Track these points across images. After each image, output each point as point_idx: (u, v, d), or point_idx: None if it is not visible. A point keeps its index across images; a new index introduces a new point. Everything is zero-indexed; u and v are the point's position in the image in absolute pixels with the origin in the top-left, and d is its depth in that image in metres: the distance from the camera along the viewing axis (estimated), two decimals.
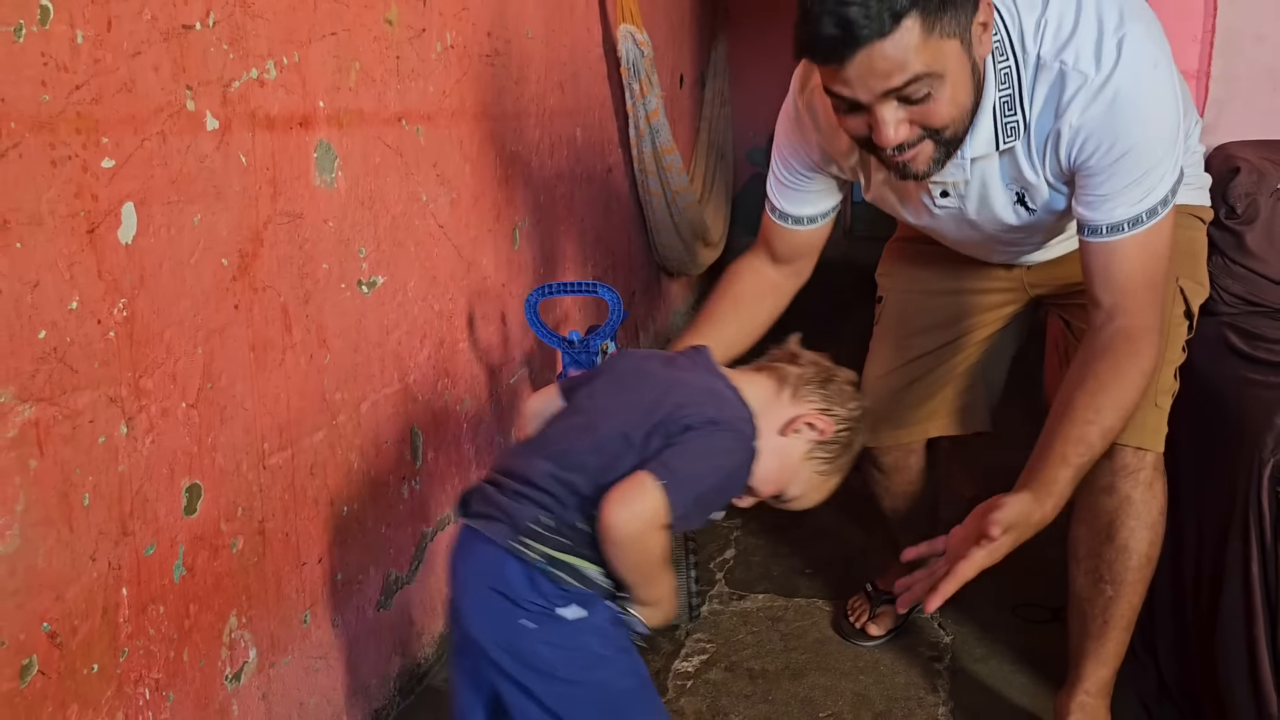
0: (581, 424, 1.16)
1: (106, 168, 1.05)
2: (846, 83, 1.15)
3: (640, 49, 2.94)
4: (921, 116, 1.18)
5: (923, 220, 1.50)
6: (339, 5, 1.49)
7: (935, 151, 1.23)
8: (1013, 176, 1.34)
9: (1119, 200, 1.25)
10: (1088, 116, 1.22)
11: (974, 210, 1.40)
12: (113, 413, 1.07)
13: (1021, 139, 1.28)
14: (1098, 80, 1.21)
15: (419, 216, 1.79)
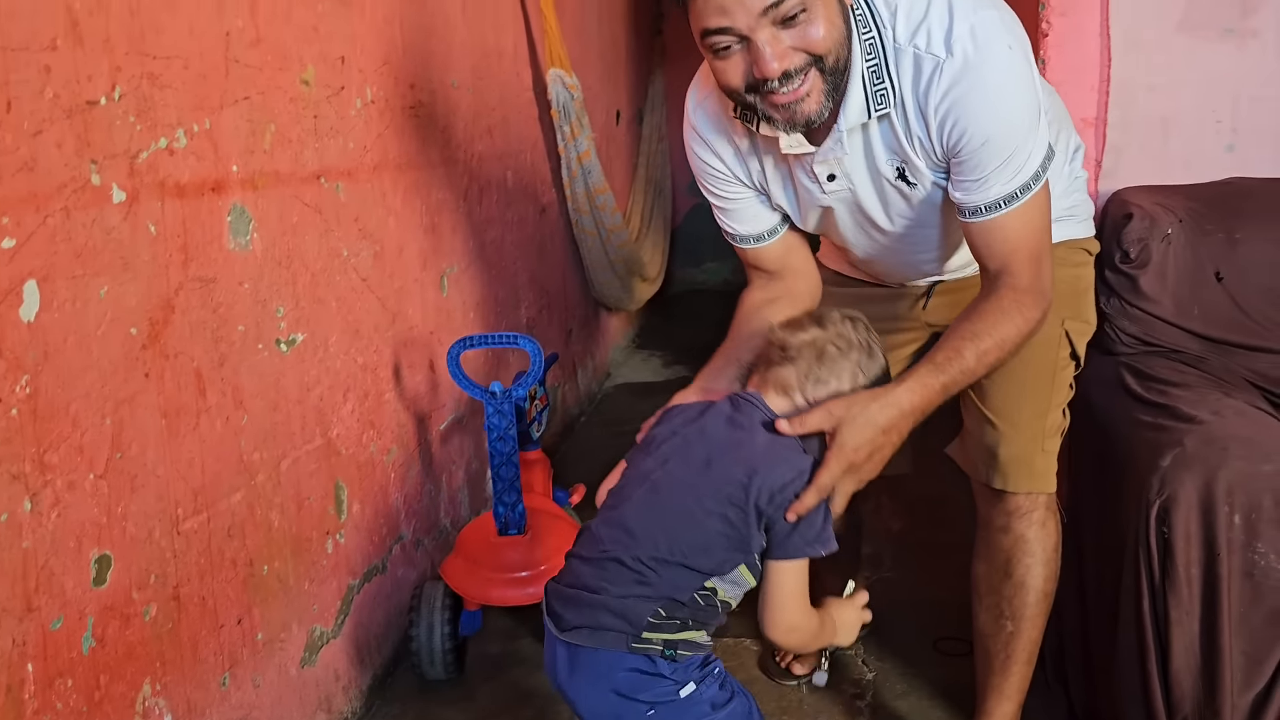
0: (671, 506, 1.16)
1: (6, 248, 1.06)
2: (724, 10, 1.15)
3: (570, 92, 2.98)
4: (801, 39, 1.18)
5: (812, 218, 1.50)
6: (252, 70, 1.51)
7: (824, 83, 1.22)
8: (892, 149, 1.34)
9: (992, 181, 1.28)
10: (950, 100, 1.25)
11: (861, 191, 1.40)
12: (16, 489, 1.08)
13: (895, 109, 1.29)
14: (953, 64, 1.23)
15: (340, 272, 1.80)
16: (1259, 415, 1.48)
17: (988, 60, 1.23)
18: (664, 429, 1.26)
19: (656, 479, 1.19)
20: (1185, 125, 1.95)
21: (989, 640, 1.60)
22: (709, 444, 1.20)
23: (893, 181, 1.37)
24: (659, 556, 1.13)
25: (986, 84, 1.24)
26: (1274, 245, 1.78)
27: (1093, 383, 1.80)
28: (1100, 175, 1.99)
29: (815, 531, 1.15)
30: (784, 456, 1.17)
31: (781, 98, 1.21)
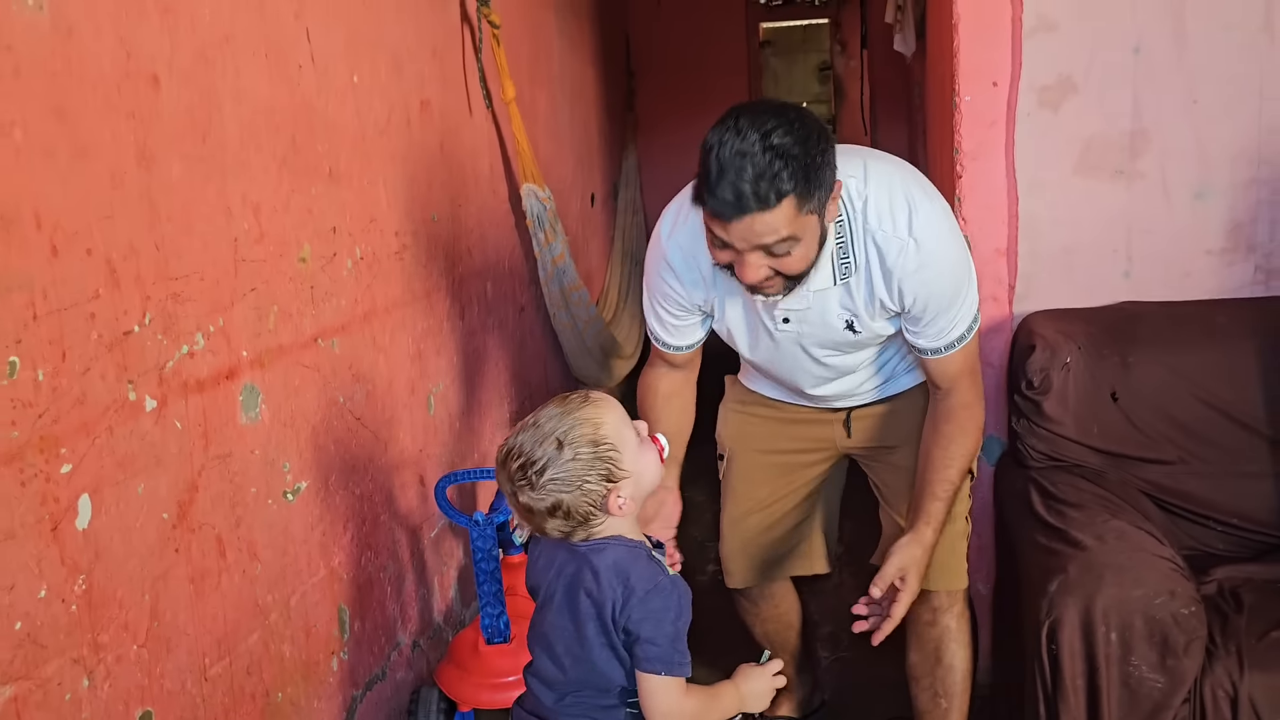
0: (566, 663, 1.37)
1: (65, 472, 1.28)
2: (728, 233, 1.45)
3: (543, 204, 3.22)
4: (779, 265, 1.49)
5: (760, 350, 1.81)
6: (257, 263, 1.74)
7: (784, 285, 1.55)
8: (845, 306, 1.67)
9: (942, 330, 1.66)
10: (917, 278, 1.60)
11: (809, 333, 1.72)
12: (76, 671, 1.30)
13: (856, 276, 1.62)
14: (917, 249, 1.58)
15: (337, 418, 2.03)
16: (1138, 537, 1.71)
17: (941, 245, 1.61)
18: (541, 580, 1.43)
19: (552, 640, 1.39)
20: (1086, 255, 2.19)
21: (928, 716, 1.95)
22: (566, 594, 1.37)
23: (840, 331, 1.70)
24: (578, 698, 1.37)
25: (942, 264, 1.62)
26: (1162, 367, 2.02)
27: (1006, 497, 2.04)
28: (1014, 299, 2.23)
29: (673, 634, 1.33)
30: (621, 567, 1.35)
31: (749, 285, 1.55)
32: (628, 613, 1.30)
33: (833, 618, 2.78)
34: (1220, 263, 2.13)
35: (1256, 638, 1.64)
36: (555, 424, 1.30)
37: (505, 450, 1.33)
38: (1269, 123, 2.06)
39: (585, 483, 1.30)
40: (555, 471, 1.29)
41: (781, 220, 1.42)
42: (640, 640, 1.30)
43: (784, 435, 1.99)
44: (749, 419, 2.04)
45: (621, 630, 1.32)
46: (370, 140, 2.21)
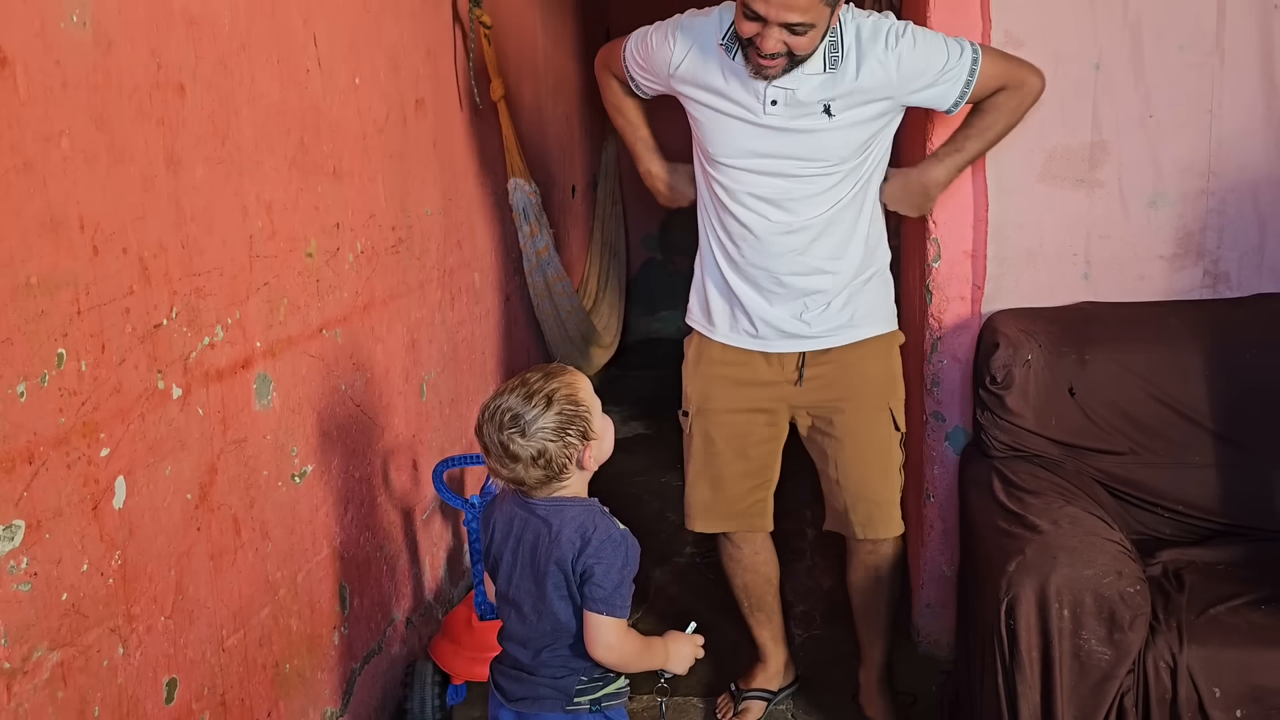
0: (533, 619, 1.53)
1: (104, 456, 1.38)
2: (766, 3, 1.76)
3: (529, 197, 3.32)
4: (792, 44, 1.81)
5: (734, 134, 2.01)
6: (269, 259, 1.84)
7: (786, 65, 1.86)
8: (827, 90, 1.92)
9: (943, 93, 1.99)
10: (894, 55, 1.92)
11: (792, 115, 1.94)
12: (113, 640, 1.40)
13: (841, 70, 1.91)
14: (889, 31, 1.94)
15: (340, 404, 2.13)
16: (1090, 522, 1.85)
17: (916, 26, 1.98)
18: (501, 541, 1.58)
19: (517, 598, 1.55)
20: (1048, 258, 2.33)
21: (869, 618, 2.30)
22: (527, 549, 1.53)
23: (817, 114, 1.95)
24: (552, 652, 1.53)
25: (922, 32, 1.97)
26: (1116, 365, 2.16)
27: (971, 484, 2.18)
28: (983, 299, 2.36)
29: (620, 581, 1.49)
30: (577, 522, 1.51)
31: (759, 60, 1.85)
32: (584, 559, 1.48)
33: (807, 598, 2.91)
34: (1172, 267, 2.28)
35: (1195, 614, 1.79)
36: (543, 384, 1.49)
37: (495, 407, 1.50)
38: (1218, 137, 2.20)
39: (566, 435, 1.48)
40: (544, 421, 1.46)
41: (810, 1, 1.75)
42: (589, 582, 1.47)
43: (741, 396, 2.17)
44: (710, 380, 2.20)
45: (578, 575, 1.49)
46: (370, 139, 2.30)
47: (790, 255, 2.05)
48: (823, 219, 2.03)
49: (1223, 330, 2.16)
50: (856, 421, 2.13)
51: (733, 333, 2.16)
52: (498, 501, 1.61)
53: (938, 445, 2.44)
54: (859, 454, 2.13)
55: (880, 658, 2.33)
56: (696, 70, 2.02)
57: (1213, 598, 1.84)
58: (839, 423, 2.13)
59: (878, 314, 2.13)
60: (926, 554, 2.51)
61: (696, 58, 2.01)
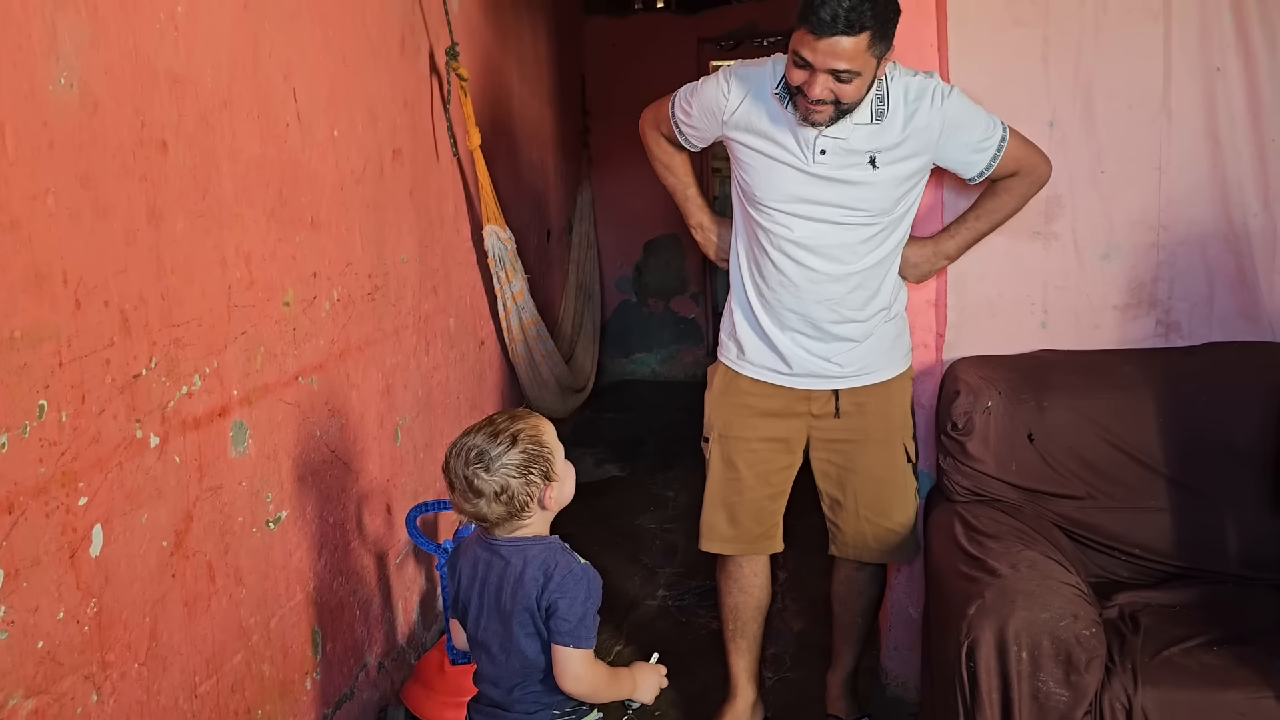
0: (502, 659, 1.58)
1: (82, 505, 1.41)
2: (814, 50, 1.84)
3: (504, 244, 3.38)
4: (839, 92, 1.89)
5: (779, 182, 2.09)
6: (247, 308, 1.88)
7: (833, 114, 1.94)
8: (874, 142, 2.02)
9: (977, 157, 2.10)
10: (940, 98, 2.04)
11: (839, 165, 2.03)
12: (87, 687, 1.42)
13: (887, 123, 2.01)
14: (942, 84, 2.07)
15: (314, 450, 2.16)
16: (1048, 565, 1.90)
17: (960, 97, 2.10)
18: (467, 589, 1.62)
19: (487, 641, 1.59)
20: (1007, 307, 2.40)
21: (846, 627, 2.44)
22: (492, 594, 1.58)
23: (863, 166, 2.04)
24: (524, 690, 1.57)
25: (963, 102, 2.09)
26: (1073, 412, 2.22)
27: (934, 529, 2.23)
28: (944, 346, 2.43)
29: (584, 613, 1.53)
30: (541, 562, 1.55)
31: (807, 105, 1.93)
32: (548, 594, 1.53)
33: (777, 640, 2.94)
34: (1125, 317, 2.36)
35: (1150, 656, 1.84)
36: (509, 425, 1.56)
37: (461, 445, 1.56)
38: (1167, 193, 2.29)
39: (529, 473, 1.53)
40: (508, 459, 1.52)
41: (855, 50, 1.82)
42: (555, 616, 1.52)
43: (765, 426, 2.27)
44: (736, 408, 2.29)
45: (543, 611, 1.53)
46: (348, 189, 2.35)
47: (827, 304, 2.15)
48: (860, 272, 2.14)
49: (1175, 378, 2.23)
50: (877, 455, 2.27)
51: (766, 370, 2.25)
52: (463, 548, 1.65)
53: None
54: (880, 486, 2.28)
55: (849, 664, 2.48)
56: (750, 116, 2.10)
57: (1167, 639, 1.89)
58: (861, 456, 2.26)
59: (898, 352, 2.28)
60: (894, 597, 2.56)
61: (751, 104, 2.10)
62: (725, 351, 2.33)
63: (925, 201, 2.31)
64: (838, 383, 2.22)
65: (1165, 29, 2.25)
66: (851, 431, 2.25)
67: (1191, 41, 2.25)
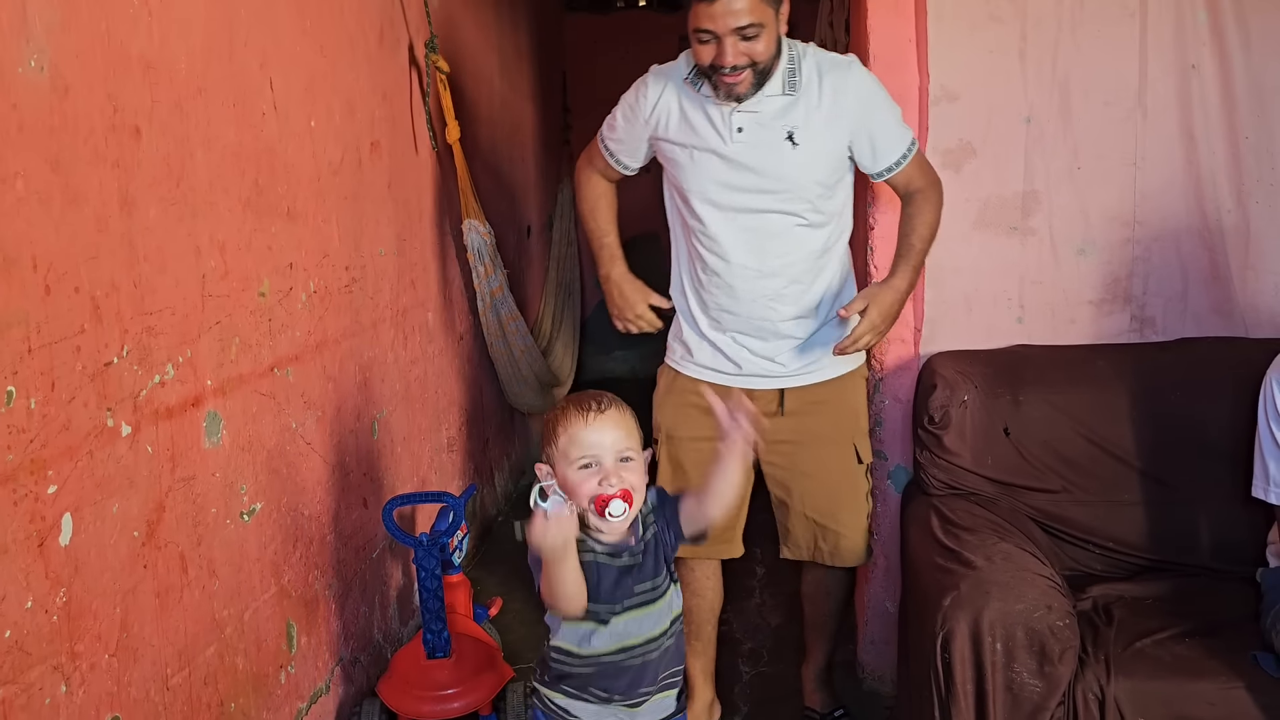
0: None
1: (51, 493, 1.39)
2: (712, 17, 1.88)
3: (483, 239, 3.36)
4: (749, 50, 1.91)
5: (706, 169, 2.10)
6: (221, 298, 1.86)
7: (753, 78, 1.96)
8: (790, 117, 2.03)
9: (887, 148, 2.09)
10: (852, 82, 2.05)
11: (758, 142, 2.03)
12: (55, 677, 1.40)
13: (800, 96, 2.03)
14: (855, 64, 2.08)
15: (290, 443, 2.15)
16: (1022, 558, 1.91)
17: (873, 77, 2.13)
18: None
19: None
20: (984, 302, 2.41)
21: (817, 624, 2.46)
22: None
23: (781, 142, 2.04)
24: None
25: (875, 83, 2.11)
26: (1048, 406, 2.24)
27: (911, 522, 2.24)
28: (921, 341, 2.44)
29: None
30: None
31: (726, 79, 1.96)
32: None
33: (755, 635, 2.95)
34: (1100, 312, 2.37)
35: (1122, 647, 1.85)
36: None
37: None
38: (1142, 189, 2.31)
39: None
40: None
41: (750, 3, 1.87)
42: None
43: (711, 424, 2.17)
44: (681, 408, 2.27)
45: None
46: (325, 180, 2.34)
47: (762, 301, 2.14)
48: (792, 267, 2.12)
49: (1149, 373, 2.25)
50: (823, 456, 2.23)
51: (710, 370, 2.23)
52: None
53: (880, 483, 2.50)
54: (826, 488, 2.24)
55: (822, 658, 2.51)
56: (669, 109, 2.12)
57: (1139, 631, 1.91)
58: (806, 457, 2.23)
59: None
60: (870, 590, 2.56)
61: (668, 98, 2.12)
62: (671, 354, 2.33)
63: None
64: (782, 381, 2.20)
65: (1141, 26, 2.27)
66: (796, 432, 2.22)
67: (1167, 39, 2.27)
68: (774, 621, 3.04)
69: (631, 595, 1.55)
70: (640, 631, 1.56)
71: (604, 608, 1.54)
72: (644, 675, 1.57)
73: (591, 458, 1.51)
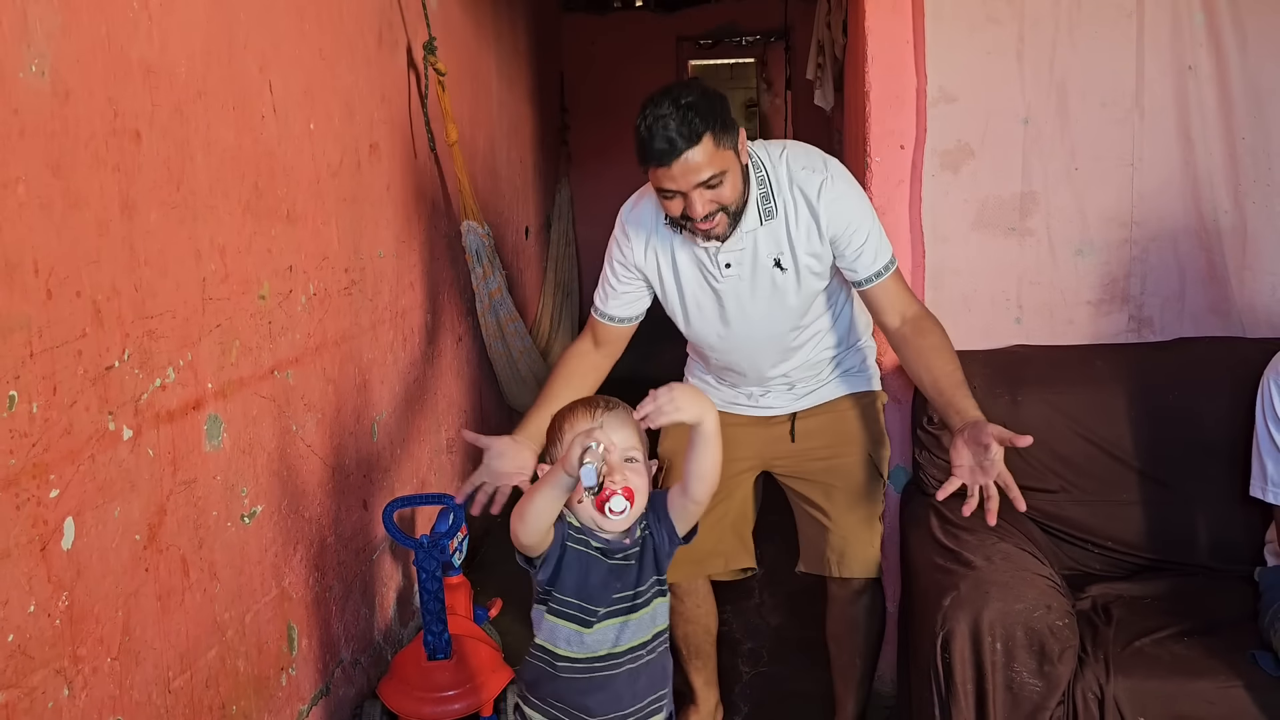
0: None
1: (53, 497, 1.40)
2: (672, 179, 1.82)
3: (482, 239, 3.37)
4: (717, 197, 1.86)
5: (705, 318, 2.10)
6: (221, 301, 1.87)
7: (727, 220, 1.91)
8: (773, 244, 2.00)
9: (868, 256, 1.99)
10: (838, 203, 1.97)
11: (748, 275, 2.02)
12: (58, 682, 1.41)
13: (779, 219, 1.98)
14: (834, 182, 1.98)
15: (290, 445, 2.15)
16: (1022, 557, 1.92)
17: (852, 183, 2.03)
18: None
19: None
20: (982, 303, 2.42)
21: (845, 669, 2.36)
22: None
23: (769, 269, 2.02)
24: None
25: (855, 194, 2.02)
26: (1047, 406, 2.25)
27: (910, 523, 2.25)
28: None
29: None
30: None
31: (701, 227, 1.90)
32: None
33: (754, 635, 2.95)
34: (1098, 312, 2.38)
35: (1122, 647, 1.86)
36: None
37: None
38: (1139, 189, 2.32)
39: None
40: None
41: (705, 155, 1.80)
42: None
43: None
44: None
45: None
46: (324, 183, 2.34)
47: (774, 380, 2.20)
48: (798, 350, 2.15)
49: (1147, 373, 2.26)
50: (842, 467, 2.23)
51: (724, 403, 2.23)
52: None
53: None
54: (844, 498, 2.22)
55: (853, 711, 2.39)
56: (655, 251, 2.09)
57: (1138, 630, 1.91)
58: (825, 468, 2.23)
59: (858, 374, 2.25)
60: None
61: (652, 240, 2.09)
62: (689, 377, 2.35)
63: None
64: (796, 405, 2.23)
65: (1138, 27, 2.28)
66: (812, 445, 2.23)
67: (1164, 40, 2.28)
68: (774, 622, 3.04)
69: (611, 603, 1.56)
70: (620, 640, 1.56)
71: (588, 607, 1.55)
72: (623, 694, 1.57)
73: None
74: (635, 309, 2.17)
